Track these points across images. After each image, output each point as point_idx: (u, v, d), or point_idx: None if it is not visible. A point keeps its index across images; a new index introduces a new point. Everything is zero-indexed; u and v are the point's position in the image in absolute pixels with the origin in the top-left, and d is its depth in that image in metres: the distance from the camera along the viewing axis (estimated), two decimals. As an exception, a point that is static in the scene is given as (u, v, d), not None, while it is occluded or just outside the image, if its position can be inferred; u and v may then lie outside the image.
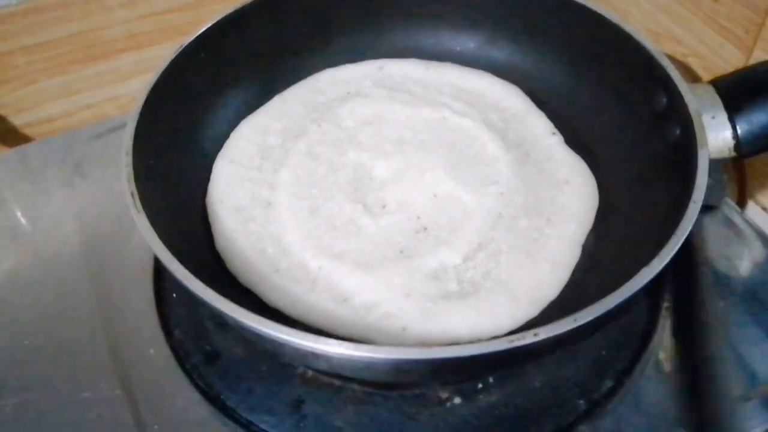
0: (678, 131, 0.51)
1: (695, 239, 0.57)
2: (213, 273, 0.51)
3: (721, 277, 0.57)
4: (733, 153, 0.53)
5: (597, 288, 0.46)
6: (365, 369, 0.42)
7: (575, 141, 0.60)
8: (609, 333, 0.52)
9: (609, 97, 0.59)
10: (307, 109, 0.63)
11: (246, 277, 0.51)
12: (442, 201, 0.56)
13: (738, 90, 0.53)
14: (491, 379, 0.50)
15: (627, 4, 0.88)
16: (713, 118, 0.52)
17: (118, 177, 0.62)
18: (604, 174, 0.57)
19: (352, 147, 0.59)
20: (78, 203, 0.62)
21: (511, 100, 0.63)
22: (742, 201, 0.68)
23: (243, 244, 0.52)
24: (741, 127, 0.52)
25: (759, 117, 0.52)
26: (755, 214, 0.67)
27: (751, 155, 0.53)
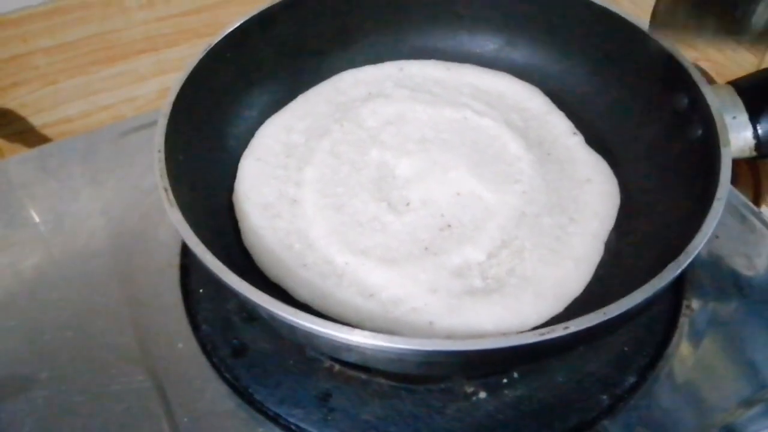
0: (700, 131, 0.52)
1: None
2: (241, 268, 0.51)
3: (737, 276, 0.58)
4: (754, 153, 0.54)
5: (620, 285, 0.46)
6: (397, 361, 0.42)
7: (596, 141, 0.61)
8: (631, 330, 0.53)
9: (629, 98, 0.60)
10: (330, 109, 0.64)
11: (274, 272, 0.52)
12: (465, 199, 0.56)
13: (759, 91, 0.53)
14: (516, 374, 0.51)
15: (640, 9, 0.89)
16: (734, 118, 0.53)
17: (142, 175, 0.64)
18: (625, 173, 0.58)
19: (374, 146, 0.60)
20: (103, 201, 0.63)
21: (532, 101, 0.64)
22: (757, 200, 0.69)
23: (270, 239, 0.53)
24: (762, 128, 0.52)
25: (780, 118, 0.53)
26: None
27: (772, 155, 0.54)
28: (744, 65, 0.77)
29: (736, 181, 0.69)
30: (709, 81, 0.77)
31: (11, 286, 0.57)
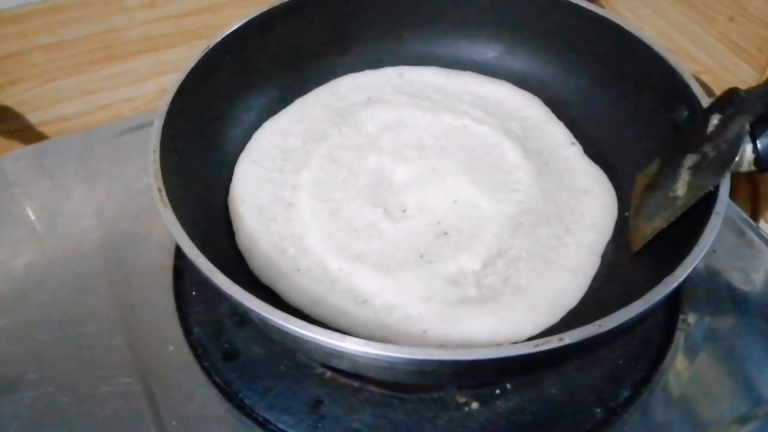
0: (699, 144, 0.51)
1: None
2: (234, 271, 0.50)
3: (734, 291, 0.57)
4: (753, 167, 0.53)
5: (616, 298, 0.46)
6: (389, 369, 0.42)
7: (594, 151, 0.61)
8: (627, 343, 0.53)
9: (628, 109, 0.59)
10: (328, 113, 0.63)
11: (267, 276, 0.51)
12: (462, 207, 0.56)
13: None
14: (509, 385, 0.50)
15: (641, 21, 0.89)
16: (734, 132, 0.52)
17: (137, 176, 0.64)
18: (622, 184, 0.58)
19: (372, 151, 0.60)
20: (97, 200, 0.62)
21: (531, 109, 0.64)
22: (755, 215, 0.69)
23: (264, 243, 0.52)
24: (762, 142, 0.52)
25: (780, 132, 0.52)
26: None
27: (770, 169, 0.54)
28: (744, 79, 0.77)
29: (734, 196, 0.69)
30: (710, 94, 0.77)
31: (1, 284, 0.56)
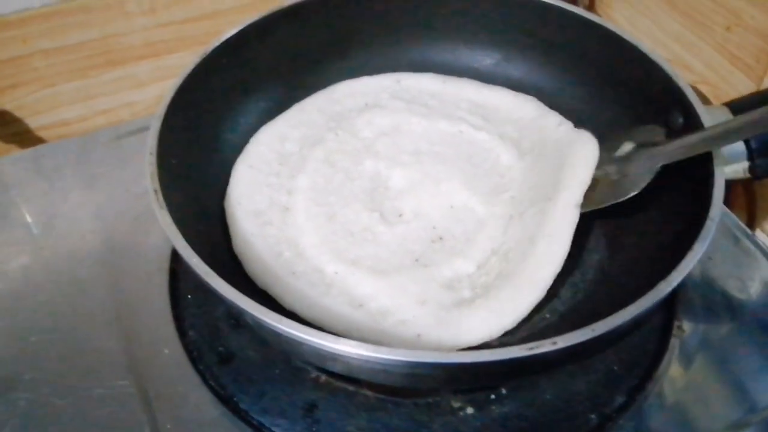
0: (694, 150, 0.52)
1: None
2: (229, 275, 0.51)
3: (729, 299, 0.58)
4: (748, 174, 0.54)
5: (610, 303, 0.46)
6: (382, 372, 0.42)
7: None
8: (621, 350, 0.53)
9: (625, 115, 0.60)
10: (325, 119, 0.64)
11: (262, 280, 0.51)
12: (457, 212, 0.56)
13: (754, 112, 0.53)
14: (504, 390, 0.50)
15: (638, 31, 0.90)
16: (728, 139, 0.53)
17: (135, 179, 0.64)
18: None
19: (368, 156, 0.60)
20: (95, 204, 0.62)
21: (523, 108, 0.64)
22: (751, 223, 0.69)
23: (260, 247, 0.53)
24: (756, 149, 0.52)
25: (774, 139, 0.53)
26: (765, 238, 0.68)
27: (765, 177, 0.54)
28: (741, 89, 0.78)
29: (730, 204, 0.69)
30: (705, 102, 0.78)
31: (-3, 286, 0.56)
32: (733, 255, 0.61)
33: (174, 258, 0.57)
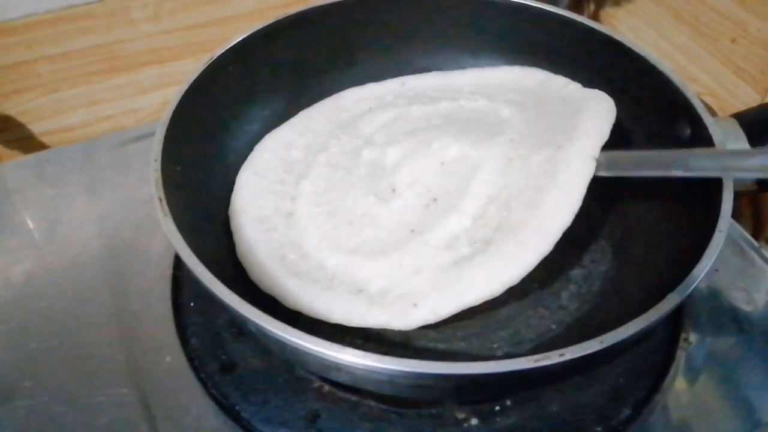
0: (702, 162, 0.51)
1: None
2: (233, 282, 0.50)
3: (735, 311, 0.57)
4: (755, 186, 0.53)
5: (617, 314, 0.45)
6: (387, 383, 0.41)
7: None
8: (628, 362, 0.52)
9: (632, 126, 0.59)
10: (331, 126, 0.63)
11: (265, 283, 0.51)
12: (449, 166, 0.56)
13: (761, 124, 0.53)
14: (509, 402, 0.50)
15: (644, 42, 0.90)
16: (737, 150, 0.53)
17: (139, 186, 0.64)
18: (625, 203, 0.58)
19: (366, 147, 0.60)
20: (98, 210, 0.62)
21: (531, 78, 0.64)
22: (757, 234, 0.69)
23: (264, 252, 0.52)
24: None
25: (782, 151, 0.52)
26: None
27: (772, 189, 0.54)
28: (746, 101, 0.78)
29: (736, 216, 0.69)
30: (711, 114, 0.78)
31: (-1, 292, 0.56)
32: (739, 267, 0.60)
33: (177, 265, 0.57)
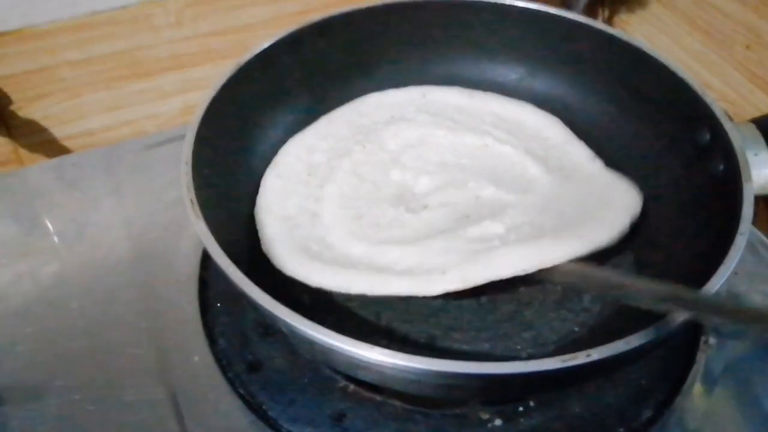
0: (721, 166, 0.52)
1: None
2: (261, 283, 0.51)
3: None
4: (772, 190, 0.54)
5: (638, 317, 0.46)
6: (415, 382, 0.42)
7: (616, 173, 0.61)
8: (649, 364, 0.53)
9: (651, 131, 0.60)
10: (352, 131, 0.64)
11: (289, 267, 0.52)
12: (484, 200, 0.57)
13: (780, 129, 0.54)
14: (532, 403, 0.50)
15: (657, 49, 0.90)
16: (756, 155, 0.53)
17: (164, 189, 0.65)
18: (645, 206, 0.58)
19: (395, 167, 0.61)
20: (124, 212, 0.63)
21: (551, 130, 0.65)
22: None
23: (288, 243, 0.54)
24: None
25: (801, 156, 0.53)
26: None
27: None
28: (760, 107, 0.78)
29: (754, 219, 0.69)
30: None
31: (29, 293, 0.57)
32: (758, 270, 0.61)
33: (203, 266, 0.58)
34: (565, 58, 0.66)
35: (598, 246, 0.52)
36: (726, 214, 0.49)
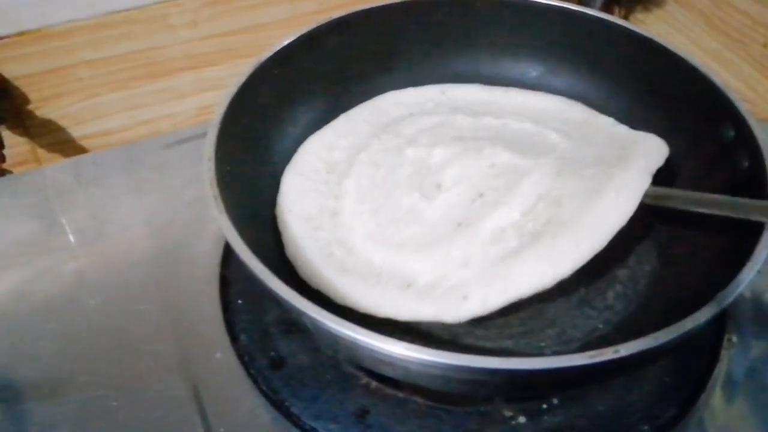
0: (746, 163, 0.52)
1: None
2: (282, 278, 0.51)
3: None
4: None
5: (663, 314, 0.46)
6: (440, 378, 0.42)
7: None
8: (673, 362, 0.52)
9: (674, 128, 0.59)
10: (371, 128, 0.64)
11: (315, 280, 0.52)
12: (498, 169, 0.56)
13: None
14: (556, 401, 0.50)
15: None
16: (776, 153, 0.53)
17: (183, 187, 0.65)
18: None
19: (410, 146, 0.61)
20: (144, 210, 0.63)
21: (574, 111, 0.65)
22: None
23: (312, 249, 0.53)
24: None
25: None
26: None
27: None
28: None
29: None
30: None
31: (51, 289, 0.57)
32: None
33: (224, 264, 0.58)
34: (586, 55, 0.66)
35: (623, 215, 0.51)
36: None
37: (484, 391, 0.49)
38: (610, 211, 0.50)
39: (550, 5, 0.65)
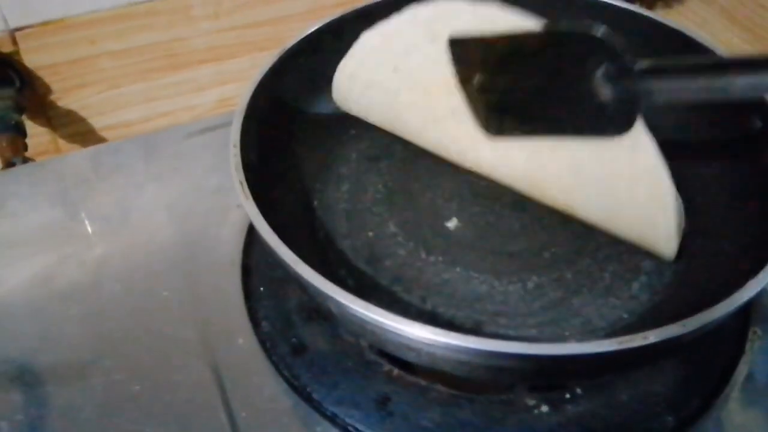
0: (774, 155, 0.51)
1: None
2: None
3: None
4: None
5: (689, 305, 0.45)
6: (466, 363, 0.42)
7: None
8: (697, 352, 0.52)
9: (699, 119, 0.59)
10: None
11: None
12: None
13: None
14: (579, 390, 0.50)
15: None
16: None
17: (204, 176, 0.65)
18: (693, 195, 0.57)
19: None
20: (166, 198, 0.63)
21: None
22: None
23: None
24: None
25: None
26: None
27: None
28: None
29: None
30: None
31: (75, 275, 0.57)
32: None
33: (246, 252, 0.58)
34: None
35: None
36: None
37: (509, 379, 0.49)
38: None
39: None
